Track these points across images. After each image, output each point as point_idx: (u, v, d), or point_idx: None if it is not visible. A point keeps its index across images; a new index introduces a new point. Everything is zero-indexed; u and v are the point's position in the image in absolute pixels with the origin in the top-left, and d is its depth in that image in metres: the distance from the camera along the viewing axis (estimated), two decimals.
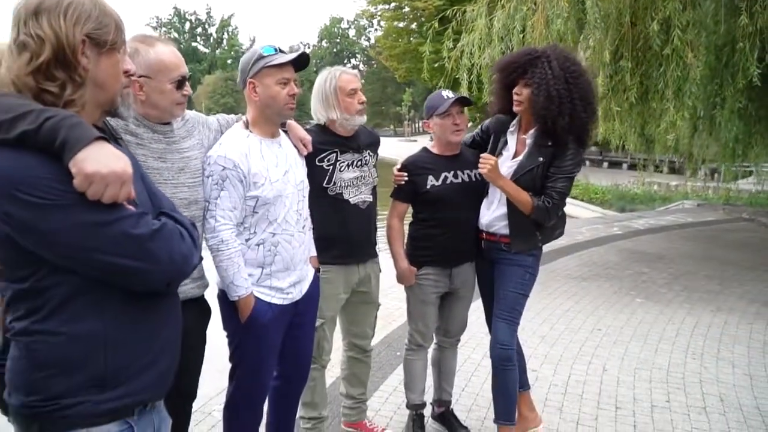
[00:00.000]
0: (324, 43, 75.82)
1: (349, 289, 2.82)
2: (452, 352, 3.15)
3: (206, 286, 2.18)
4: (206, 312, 2.20)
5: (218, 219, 2.14)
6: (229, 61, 64.89)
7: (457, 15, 7.01)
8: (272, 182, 2.23)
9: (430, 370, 3.18)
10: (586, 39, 5.86)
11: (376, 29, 36.29)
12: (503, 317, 2.76)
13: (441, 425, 3.19)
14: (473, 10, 6.76)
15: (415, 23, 24.07)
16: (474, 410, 3.42)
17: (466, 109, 2.84)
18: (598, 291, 6.03)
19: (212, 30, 68.43)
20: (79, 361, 1.19)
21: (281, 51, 2.23)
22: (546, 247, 2.90)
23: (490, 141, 2.85)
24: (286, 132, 2.47)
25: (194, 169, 2.11)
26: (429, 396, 3.23)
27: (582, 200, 14.63)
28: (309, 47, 78.09)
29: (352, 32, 74.46)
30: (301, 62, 2.24)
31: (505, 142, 2.77)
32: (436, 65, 8.06)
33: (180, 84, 1.98)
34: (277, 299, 2.29)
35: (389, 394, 3.56)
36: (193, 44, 66.88)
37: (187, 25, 67.56)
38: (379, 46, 29.60)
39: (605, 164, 24.37)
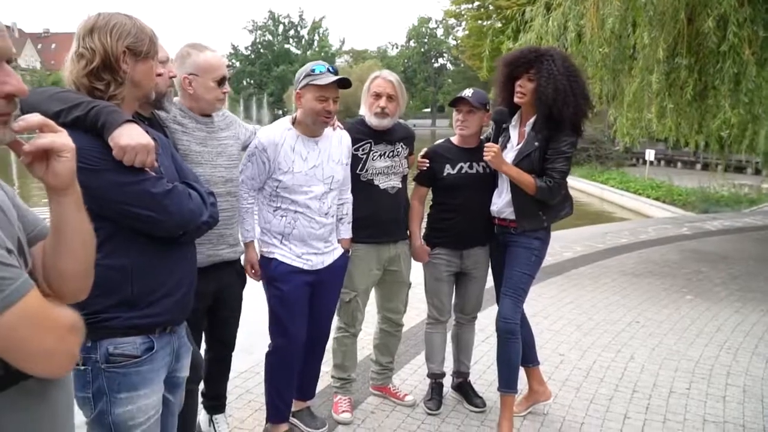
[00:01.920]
0: (412, 43, 76.41)
1: (380, 266, 3.20)
2: (469, 327, 3.43)
3: (241, 252, 2.69)
4: (241, 274, 2.72)
5: (242, 181, 2.70)
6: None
7: (517, 15, 7.21)
8: (294, 173, 2.70)
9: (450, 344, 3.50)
10: (641, 37, 5.89)
11: (463, 29, 36.34)
12: (509, 294, 3.03)
13: (459, 395, 3.49)
14: (532, 9, 6.94)
15: (499, 22, 24.07)
16: (494, 384, 3.68)
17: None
18: (647, 287, 6.05)
19: (304, 32, 70.75)
20: (113, 287, 1.64)
21: (331, 71, 2.66)
22: (603, 245, 3.15)
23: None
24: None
25: (230, 153, 2.61)
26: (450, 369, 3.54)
27: (664, 201, 14.19)
28: (397, 47, 79.02)
29: (440, 32, 74.62)
30: (344, 83, 2.66)
31: (508, 136, 3.04)
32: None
33: (221, 82, 2.48)
34: (297, 262, 2.77)
35: (418, 367, 3.90)
36: (286, 46, 69.36)
37: (281, 28, 70.16)
38: (463, 45, 29.74)
39: (698, 166, 23.20)
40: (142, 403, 1.68)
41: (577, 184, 17.28)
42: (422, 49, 75.26)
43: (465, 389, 3.47)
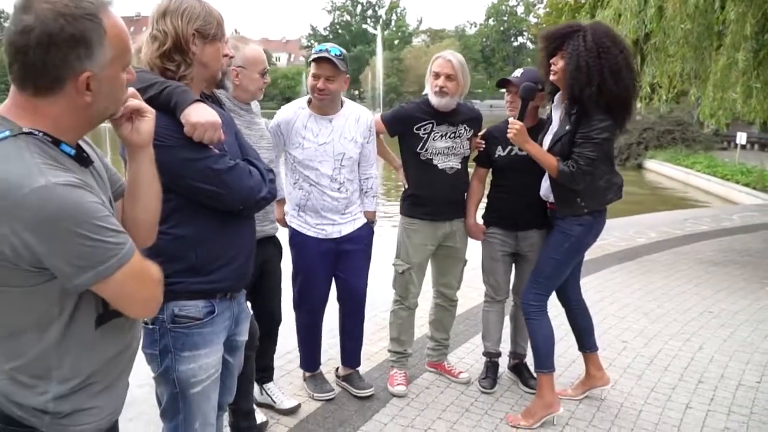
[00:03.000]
0: (491, 21, 74.69)
1: (435, 241, 3.27)
2: None
3: (277, 228, 2.92)
4: (279, 247, 2.93)
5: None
6: (396, 42, 66.77)
7: None
8: (304, 148, 2.96)
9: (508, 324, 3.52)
10: (727, 12, 5.55)
11: (544, 6, 35.25)
12: (532, 274, 3.04)
13: (514, 375, 3.51)
14: None
15: None
16: None
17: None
18: (724, 276, 5.79)
19: (381, 12, 70.64)
20: (179, 254, 1.78)
21: (328, 51, 2.84)
22: (681, 231, 3.05)
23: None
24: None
25: (267, 137, 2.82)
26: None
27: (754, 188, 13.36)
28: (475, 26, 77.50)
29: (520, 9, 72.50)
30: (326, 60, 2.83)
31: (551, 117, 2.99)
32: None
33: (263, 74, 2.67)
34: (311, 231, 3.06)
35: (475, 347, 3.93)
36: (364, 26, 69.54)
37: (359, 8, 70.38)
38: (543, 23, 28.86)
39: None
40: (203, 362, 1.82)
41: (661, 168, 16.55)
42: (501, 28, 73.44)
43: (520, 370, 3.49)
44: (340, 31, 69.96)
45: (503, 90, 3.23)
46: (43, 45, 1.10)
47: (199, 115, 1.68)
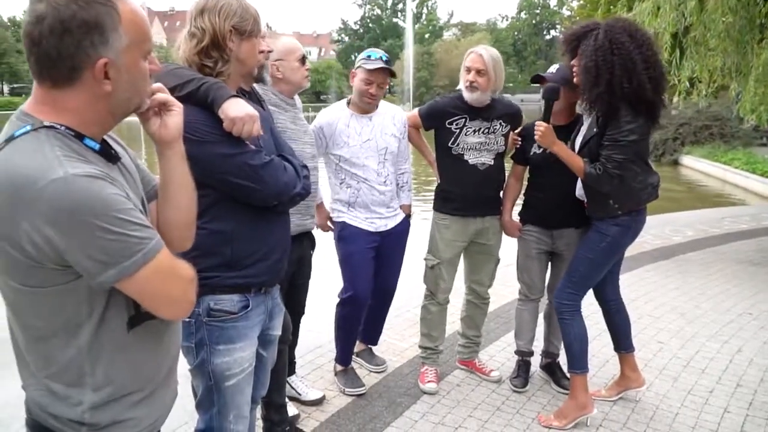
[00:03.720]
0: (523, 15, 73.77)
1: (466, 238, 3.25)
2: None
3: (315, 224, 2.94)
4: (313, 241, 2.94)
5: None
6: (426, 36, 66.46)
7: None
8: (350, 146, 3.06)
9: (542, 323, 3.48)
10: None
11: None
12: (566, 273, 2.98)
13: (546, 375, 3.47)
14: None
15: None
16: None
17: None
18: (765, 276, 5.61)
19: (412, 5, 70.33)
20: (214, 249, 1.80)
21: (383, 59, 3.02)
22: (719, 230, 2.97)
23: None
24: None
25: (310, 132, 2.84)
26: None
27: None
28: (507, 19, 76.65)
29: (553, 2, 71.42)
30: (390, 72, 3.05)
31: (582, 120, 2.94)
32: None
33: (303, 61, 2.68)
34: (363, 224, 3.14)
35: (508, 344, 3.89)
36: (394, 20, 69.34)
37: (389, 2, 70.20)
38: (577, 16, 28.41)
39: None
40: (238, 355, 1.84)
41: (697, 164, 16.15)
42: (533, 21, 72.50)
43: (553, 369, 3.44)
44: (370, 25, 69.92)
45: (536, 84, 3.19)
46: (56, 33, 1.07)
47: (237, 109, 1.69)
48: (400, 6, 71.03)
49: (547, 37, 73.04)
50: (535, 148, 3.11)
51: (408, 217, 3.32)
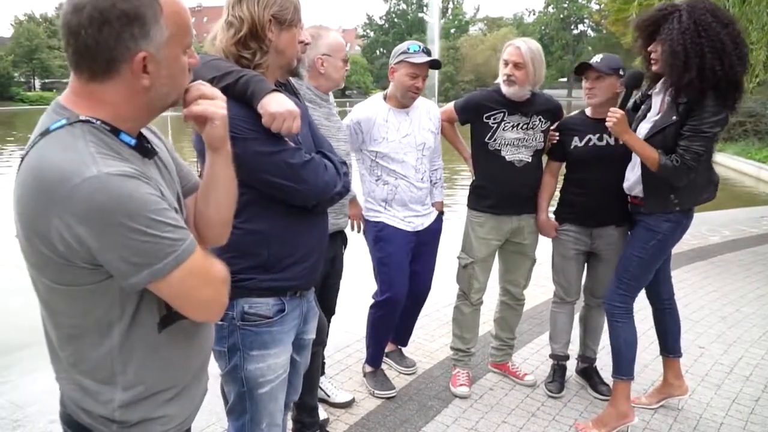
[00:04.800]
0: (550, 9, 72.75)
1: (501, 237, 3.15)
2: (599, 311, 3.24)
3: (347, 222, 2.89)
4: (346, 241, 2.88)
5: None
6: (452, 30, 66.01)
7: None
8: (389, 141, 2.97)
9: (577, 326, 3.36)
10: None
11: None
12: (616, 274, 2.85)
13: (583, 380, 3.35)
14: None
15: None
16: None
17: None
18: None
19: (439, 0, 69.87)
20: (251, 250, 1.73)
21: (425, 51, 2.93)
22: (757, 230, 2.83)
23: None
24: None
25: (344, 130, 2.78)
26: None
27: None
28: (534, 13, 75.72)
29: None
30: (435, 64, 2.97)
31: (650, 104, 2.78)
32: None
33: (345, 61, 2.64)
34: (401, 224, 3.05)
35: (541, 347, 3.79)
36: (420, 15, 68.97)
37: None
38: (606, 9, 27.86)
39: None
40: (272, 361, 1.77)
41: (730, 162, 15.72)
42: (561, 15, 71.43)
43: (590, 374, 3.33)
44: (396, 20, 69.63)
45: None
46: (95, 23, 1.04)
47: (278, 104, 1.61)
48: (426, 1, 70.63)
49: (575, 31, 71.96)
50: (577, 141, 2.98)
51: (441, 214, 3.24)
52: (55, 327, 1.18)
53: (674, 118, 2.56)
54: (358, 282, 3.64)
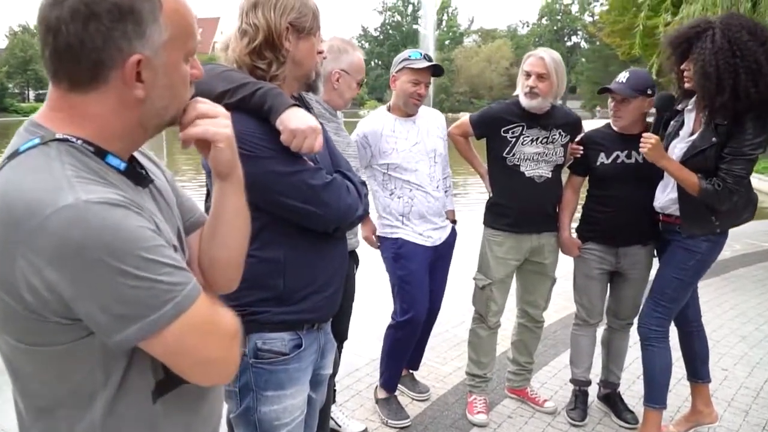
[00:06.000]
0: (544, 21, 73.14)
1: (520, 256, 2.98)
2: (622, 334, 3.10)
3: (359, 242, 2.76)
4: (358, 261, 2.72)
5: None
6: (447, 42, 66.30)
7: None
8: (399, 151, 2.86)
9: (599, 350, 3.19)
10: None
11: (602, 3, 34.13)
12: (652, 296, 2.71)
13: (606, 406, 3.17)
14: None
15: None
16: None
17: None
18: None
19: (434, 12, 70.11)
20: (264, 280, 1.55)
21: (426, 58, 2.84)
22: None
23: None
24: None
25: (353, 146, 2.67)
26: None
27: None
28: (527, 25, 76.08)
29: (575, 8, 70.64)
30: (437, 70, 2.87)
31: (682, 122, 2.64)
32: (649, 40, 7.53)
33: (359, 84, 2.55)
34: (420, 240, 2.90)
35: (558, 370, 3.62)
36: (415, 26, 69.22)
37: (410, 8, 70.12)
38: (602, 22, 27.91)
39: None
40: (288, 403, 1.59)
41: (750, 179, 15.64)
42: (555, 27, 71.83)
43: (614, 401, 3.15)
44: (390, 31, 69.92)
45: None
46: (79, 17, 0.84)
47: (299, 120, 1.44)
48: (421, 13, 70.91)
49: (569, 43, 72.35)
50: (603, 157, 2.83)
51: (454, 224, 3.12)
52: (23, 396, 0.95)
53: (714, 140, 2.43)
54: (367, 302, 3.46)
